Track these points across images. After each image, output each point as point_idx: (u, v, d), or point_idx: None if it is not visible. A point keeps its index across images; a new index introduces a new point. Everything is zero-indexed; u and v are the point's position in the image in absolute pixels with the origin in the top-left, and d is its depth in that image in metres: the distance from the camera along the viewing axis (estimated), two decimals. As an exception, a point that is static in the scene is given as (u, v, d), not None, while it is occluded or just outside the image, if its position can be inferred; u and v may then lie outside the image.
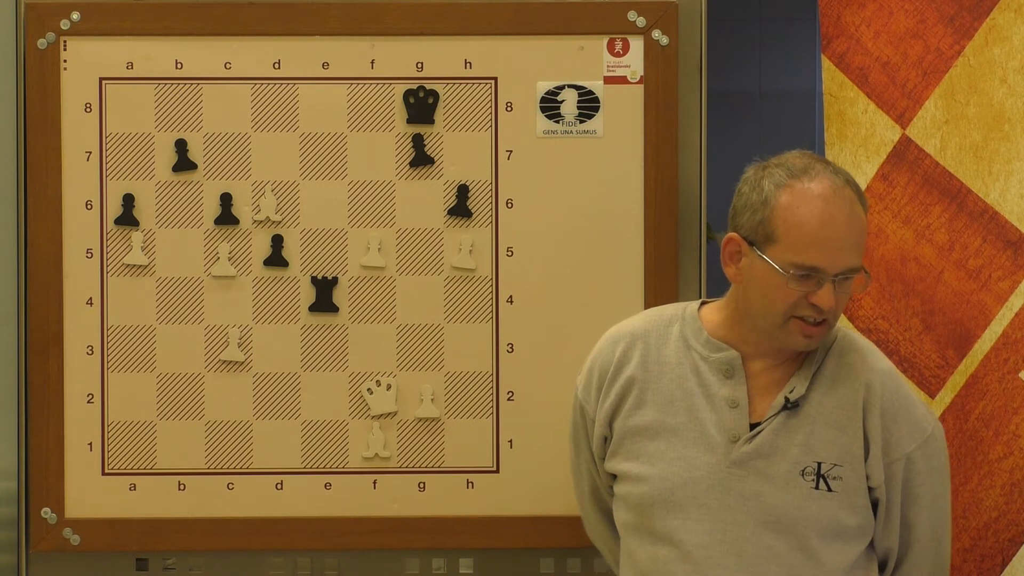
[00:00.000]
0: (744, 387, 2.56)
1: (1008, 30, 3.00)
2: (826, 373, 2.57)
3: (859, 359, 2.58)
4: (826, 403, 2.55)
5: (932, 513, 2.60)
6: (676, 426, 2.59)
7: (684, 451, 2.57)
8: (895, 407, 2.56)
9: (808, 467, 2.53)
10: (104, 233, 3.19)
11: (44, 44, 3.18)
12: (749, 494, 2.53)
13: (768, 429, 2.54)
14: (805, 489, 2.52)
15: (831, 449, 2.53)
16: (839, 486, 2.52)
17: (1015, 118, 3.01)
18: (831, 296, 2.49)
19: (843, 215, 2.51)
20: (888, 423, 2.54)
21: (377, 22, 3.19)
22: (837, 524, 2.53)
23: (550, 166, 3.21)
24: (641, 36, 3.20)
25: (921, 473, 2.56)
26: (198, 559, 3.23)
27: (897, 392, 2.58)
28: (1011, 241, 2.99)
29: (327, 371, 3.21)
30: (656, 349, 2.64)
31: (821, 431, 2.54)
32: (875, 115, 3.05)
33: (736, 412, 2.55)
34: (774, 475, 2.53)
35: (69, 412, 3.19)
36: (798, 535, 2.52)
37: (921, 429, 2.58)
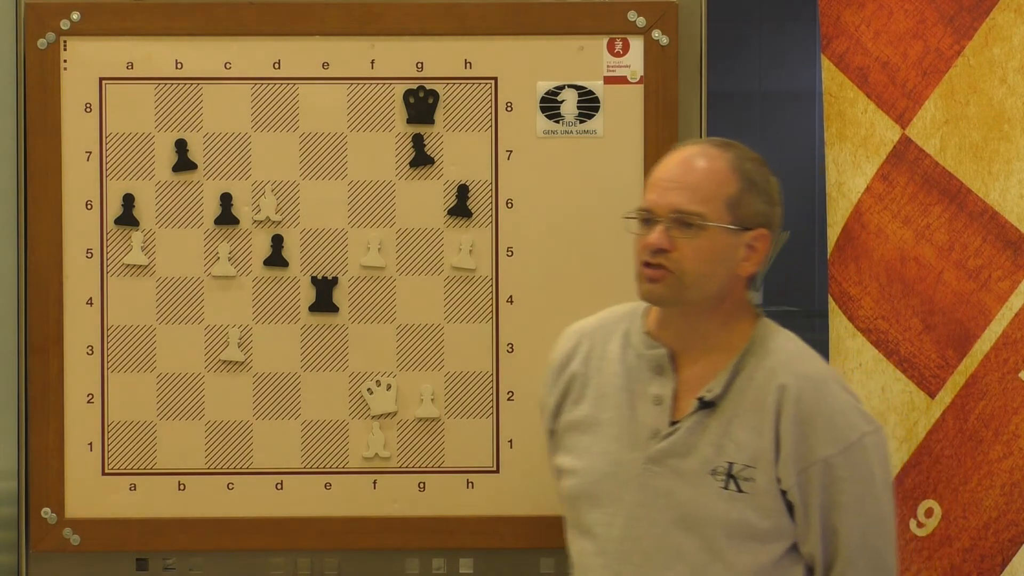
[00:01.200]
0: (671, 385, 2.57)
1: (1008, 30, 3.00)
2: (747, 374, 2.55)
3: (782, 361, 2.56)
4: (742, 404, 2.54)
5: (861, 521, 2.53)
6: (605, 421, 2.60)
7: (608, 446, 2.58)
8: (813, 412, 2.51)
9: (719, 467, 2.52)
10: (104, 233, 3.19)
11: (44, 44, 3.18)
12: (662, 491, 2.53)
13: (684, 427, 2.54)
14: (714, 489, 2.51)
15: (743, 450, 2.52)
16: (750, 487, 2.51)
17: (1015, 118, 3.01)
18: (657, 235, 2.50)
19: (680, 158, 2.55)
20: (804, 428, 2.51)
21: (377, 22, 3.20)
22: (746, 525, 2.51)
23: (550, 166, 3.21)
24: (641, 36, 3.20)
25: (844, 480, 2.51)
26: (198, 559, 3.23)
27: (819, 397, 2.53)
28: (1011, 241, 2.99)
29: (327, 371, 3.21)
30: (601, 345, 2.66)
31: (735, 431, 2.53)
32: (875, 115, 3.05)
33: (659, 409, 2.56)
34: (686, 473, 2.53)
35: (69, 412, 3.19)
36: (706, 535, 2.51)
37: (844, 435, 2.51)
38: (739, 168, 2.55)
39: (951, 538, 3.01)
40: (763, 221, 2.56)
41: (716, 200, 2.53)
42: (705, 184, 2.53)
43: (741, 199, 2.53)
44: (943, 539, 3.02)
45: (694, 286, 2.54)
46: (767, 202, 2.57)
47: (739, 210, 2.53)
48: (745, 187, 2.54)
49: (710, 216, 2.52)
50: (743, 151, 2.58)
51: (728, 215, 2.53)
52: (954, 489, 3.01)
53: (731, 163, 2.55)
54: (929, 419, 3.02)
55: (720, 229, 2.52)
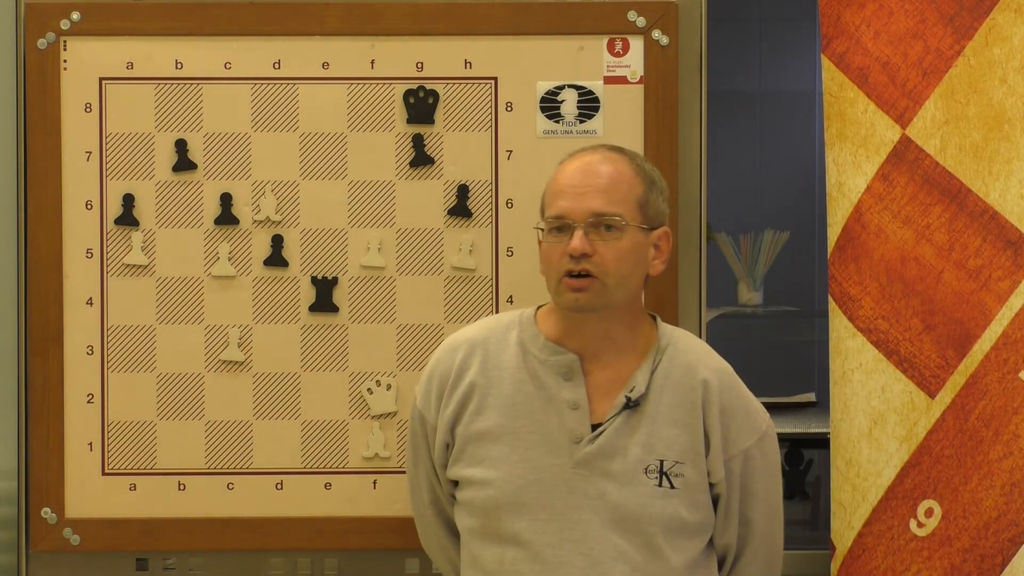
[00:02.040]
0: (583, 388, 2.59)
1: (1008, 30, 3.00)
2: (663, 372, 2.60)
3: (695, 358, 2.63)
4: (665, 401, 2.59)
5: (767, 508, 2.65)
6: (518, 429, 2.61)
7: (527, 453, 2.60)
8: (732, 405, 2.61)
9: (651, 465, 2.55)
10: (104, 233, 3.19)
11: (44, 44, 3.18)
12: (594, 494, 2.56)
13: (610, 429, 2.56)
14: (649, 487, 2.55)
15: (672, 447, 2.57)
16: (681, 483, 2.55)
17: (1015, 118, 3.01)
18: (579, 241, 2.54)
19: (583, 163, 2.61)
20: (726, 420, 2.59)
21: (377, 22, 3.20)
22: (680, 521, 2.56)
23: (550, 166, 3.20)
24: (641, 36, 3.20)
25: (758, 470, 2.61)
26: (198, 559, 3.23)
27: (734, 390, 2.63)
28: (1011, 241, 2.99)
29: (327, 371, 3.21)
30: (495, 355, 2.67)
31: (662, 429, 2.57)
32: (875, 115, 3.05)
33: (577, 414, 2.58)
34: (617, 474, 2.55)
35: (69, 412, 3.19)
36: (643, 533, 2.54)
37: (757, 426, 2.63)
38: (640, 169, 2.62)
39: (951, 538, 3.01)
40: (663, 220, 2.64)
41: (629, 201, 2.59)
42: (616, 186, 2.58)
43: (648, 199, 2.60)
44: (943, 539, 3.02)
45: (617, 288, 2.58)
46: (665, 201, 2.66)
47: (647, 210, 2.60)
48: (648, 187, 2.62)
49: (627, 217, 2.56)
50: (635, 154, 2.68)
51: (639, 215, 2.59)
52: (954, 489, 3.01)
53: (632, 165, 2.62)
54: (929, 419, 3.02)
55: (636, 229, 2.57)
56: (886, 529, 3.03)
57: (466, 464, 2.66)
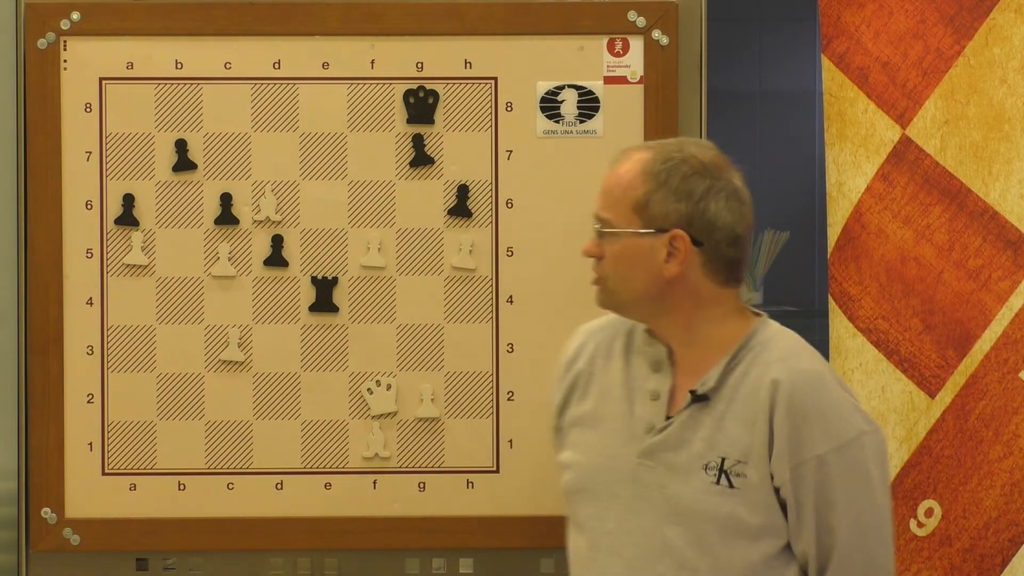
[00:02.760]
0: (669, 381, 2.57)
1: (1008, 30, 3.00)
2: (742, 369, 2.54)
3: (777, 357, 2.54)
4: (736, 399, 2.53)
5: (854, 521, 2.50)
6: (606, 416, 2.61)
7: (607, 440, 2.59)
8: (807, 408, 2.49)
9: (711, 461, 2.51)
10: (104, 233, 3.19)
11: (44, 44, 3.18)
12: (654, 485, 2.53)
13: (677, 421, 2.54)
14: (706, 483, 2.51)
15: (736, 445, 2.51)
16: (741, 483, 2.50)
17: (1015, 118, 3.01)
18: (589, 242, 2.56)
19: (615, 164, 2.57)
20: (798, 423, 2.49)
21: (377, 22, 3.20)
22: (737, 521, 2.50)
23: (550, 166, 3.21)
24: (641, 36, 3.20)
25: (838, 478, 2.48)
26: (198, 559, 3.23)
27: (814, 393, 2.51)
28: (1011, 241, 2.99)
29: (327, 371, 3.21)
30: (607, 344, 2.67)
31: (729, 426, 2.52)
32: (875, 115, 3.05)
33: (656, 404, 2.56)
34: (678, 467, 2.52)
35: (69, 412, 3.19)
36: (696, 529, 2.51)
37: (838, 433, 2.49)
38: (650, 170, 2.53)
39: (951, 538, 3.01)
40: (678, 221, 2.52)
41: (621, 205, 2.53)
42: (614, 190, 2.54)
43: (649, 201, 2.52)
44: (943, 539, 3.02)
45: (619, 291, 2.55)
46: (682, 200, 2.52)
47: (648, 212, 2.52)
48: (654, 188, 2.52)
49: (615, 221, 2.53)
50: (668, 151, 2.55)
51: (637, 219, 2.52)
52: (954, 489, 3.01)
53: (644, 165, 2.54)
54: (929, 419, 3.02)
55: (629, 234, 2.52)
56: (886, 529, 3.02)
57: (566, 448, 2.66)
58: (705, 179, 2.53)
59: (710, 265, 2.53)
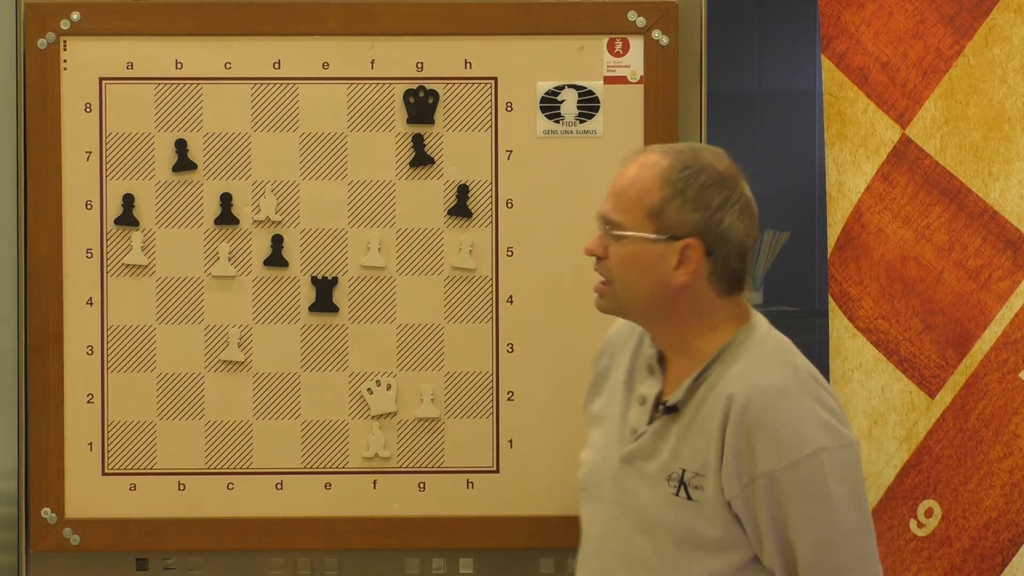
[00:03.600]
0: (659, 386, 2.56)
1: (1008, 30, 3.00)
2: (710, 381, 2.51)
3: (741, 371, 2.50)
4: (701, 411, 2.51)
5: (815, 539, 2.45)
6: (608, 416, 2.61)
7: (605, 441, 2.60)
8: (758, 424, 2.45)
9: (673, 473, 2.50)
10: (104, 233, 3.20)
11: (44, 44, 3.18)
12: (630, 492, 2.54)
13: (651, 430, 2.53)
14: (667, 495, 2.50)
15: (696, 457, 2.49)
16: (698, 495, 2.48)
17: (1015, 118, 3.01)
18: (591, 241, 2.54)
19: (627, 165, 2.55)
20: (749, 439, 2.45)
21: (377, 22, 3.20)
22: (695, 534, 2.48)
23: (550, 166, 3.21)
24: (641, 36, 3.20)
25: (792, 495, 2.44)
26: (198, 559, 3.23)
27: (767, 410, 2.46)
28: (1011, 241, 2.99)
29: (327, 371, 3.21)
30: (621, 344, 2.68)
31: (692, 438, 2.50)
32: (875, 115, 3.05)
33: (642, 409, 2.56)
34: (648, 476, 2.52)
35: (69, 412, 3.19)
36: (658, 539, 2.50)
37: (791, 450, 2.44)
38: (668, 177, 2.50)
39: (951, 538, 3.01)
40: (693, 230, 2.49)
41: (636, 209, 2.50)
42: (628, 193, 2.51)
43: (665, 208, 2.49)
44: (943, 539, 3.02)
45: (624, 296, 2.53)
46: (698, 210, 2.50)
47: (663, 219, 2.49)
48: (671, 196, 2.49)
49: (627, 225, 2.50)
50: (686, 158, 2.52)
51: (651, 224, 2.49)
52: (954, 489, 3.01)
53: (662, 171, 2.50)
54: (929, 419, 3.02)
55: (640, 239, 2.50)
56: (886, 529, 3.02)
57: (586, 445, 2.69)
58: (722, 191, 2.51)
59: (715, 275, 2.52)
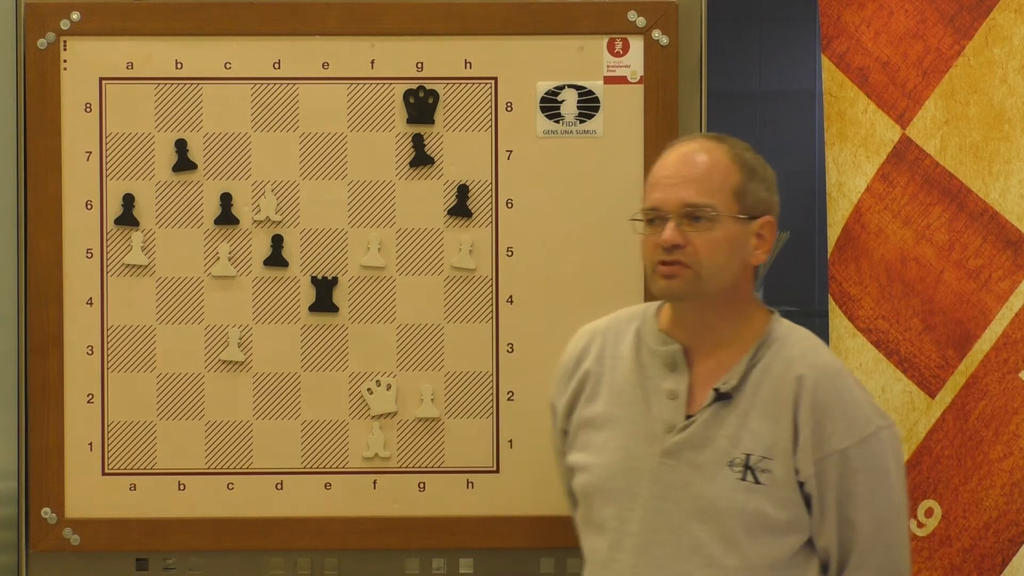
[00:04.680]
0: (686, 380, 2.58)
1: (1008, 30, 3.00)
2: (763, 366, 2.56)
3: (799, 353, 2.58)
4: (759, 395, 2.55)
5: (874, 513, 2.54)
6: (620, 417, 2.61)
7: (625, 442, 2.60)
8: (830, 403, 2.54)
9: (736, 458, 2.53)
10: (104, 233, 3.20)
11: (44, 44, 3.18)
12: (679, 484, 2.54)
13: (700, 420, 2.55)
14: (732, 480, 2.52)
15: (760, 441, 2.53)
16: (767, 479, 2.51)
17: (1015, 118, 3.01)
18: (670, 232, 2.53)
19: (679, 154, 2.58)
20: (820, 418, 2.53)
21: (377, 22, 3.20)
22: (763, 517, 2.52)
23: (550, 166, 3.21)
24: (641, 36, 3.20)
25: (859, 471, 2.53)
26: (198, 559, 3.23)
27: (835, 388, 2.56)
28: (1011, 241, 2.99)
29: (327, 371, 3.21)
30: (613, 344, 2.67)
31: (752, 423, 2.54)
32: (875, 115, 3.05)
33: (675, 404, 2.57)
34: (702, 465, 2.53)
35: (69, 412, 3.19)
36: (723, 526, 2.52)
37: (860, 427, 2.54)
38: (739, 158, 2.59)
39: (951, 538, 3.01)
40: (767, 209, 2.60)
41: (723, 191, 2.56)
42: (710, 176, 2.56)
43: (746, 188, 2.57)
44: (943, 539, 3.02)
45: (711, 278, 2.56)
46: (768, 189, 2.60)
47: (745, 199, 2.57)
48: (748, 176, 2.58)
49: (720, 207, 2.55)
50: (737, 142, 2.61)
51: (736, 204, 2.56)
52: (954, 489, 3.01)
53: (729, 154, 2.58)
54: (929, 419, 3.02)
55: (731, 219, 2.55)
56: (886, 529, 3.03)
57: (576, 450, 2.67)
58: (770, 170, 2.62)
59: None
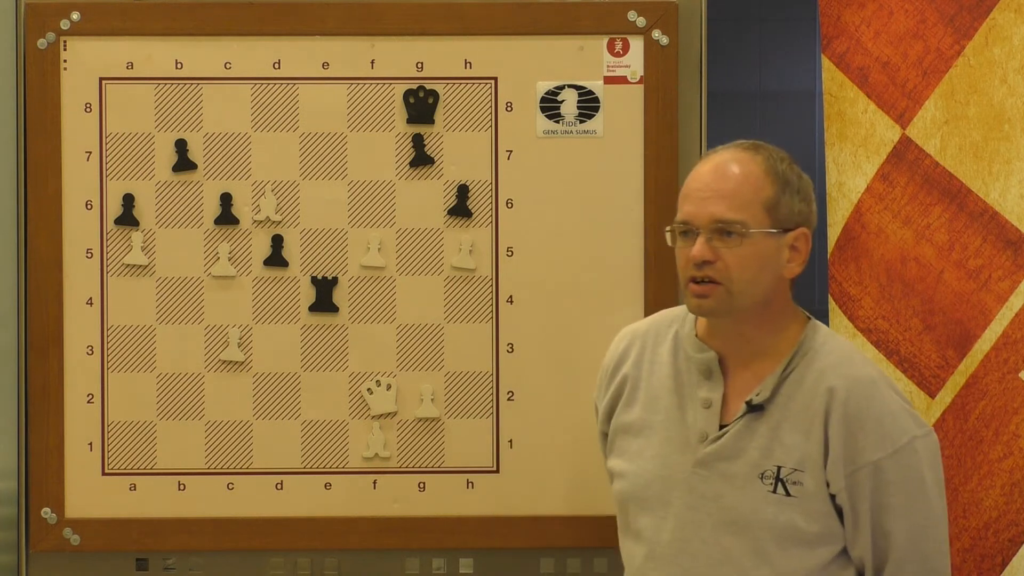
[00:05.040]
0: (721, 388, 2.55)
1: (1008, 30, 3.00)
2: (795, 377, 2.53)
3: (831, 364, 2.54)
4: (792, 407, 2.52)
5: (910, 524, 2.52)
6: (656, 424, 2.59)
7: (660, 449, 2.58)
8: (862, 415, 2.50)
9: (768, 470, 2.50)
10: (104, 233, 3.20)
11: (44, 44, 3.18)
12: (710, 495, 2.53)
13: (732, 431, 2.53)
14: (763, 492, 2.50)
15: (792, 454, 2.50)
16: (798, 491, 2.49)
17: (1015, 118, 3.01)
18: (700, 247, 2.49)
19: (712, 165, 2.53)
20: (853, 430, 2.49)
21: (377, 22, 3.20)
22: (794, 529, 2.49)
23: (550, 166, 3.21)
24: (641, 36, 3.20)
25: (893, 483, 2.50)
26: (198, 559, 3.23)
27: (869, 400, 2.51)
28: (1011, 241, 2.99)
29: (327, 371, 3.21)
30: (652, 348, 2.65)
31: (784, 435, 2.51)
32: (875, 115, 3.05)
33: (709, 413, 2.55)
34: (734, 477, 2.52)
35: (69, 412, 3.19)
36: (754, 538, 2.50)
37: (893, 438, 2.50)
38: (773, 170, 2.53)
39: (951, 538, 3.01)
40: (802, 220, 2.55)
41: (754, 205, 2.50)
42: (741, 190, 2.50)
43: (779, 201, 2.52)
44: (943, 539, 3.02)
45: (742, 294, 2.51)
46: (804, 200, 2.56)
47: (778, 212, 2.52)
48: (781, 188, 2.53)
49: (750, 222, 2.50)
50: (773, 152, 2.56)
51: (768, 219, 2.51)
52: (954, 489, 3.01)
53: (764, 166, 2.53)
54: (929, 419, 3.02)
55: (762, 234, 2.50)
56: (886, 529, 3.03)
57: (615, 455, 2.65)
58: (807, 182, 2.57)
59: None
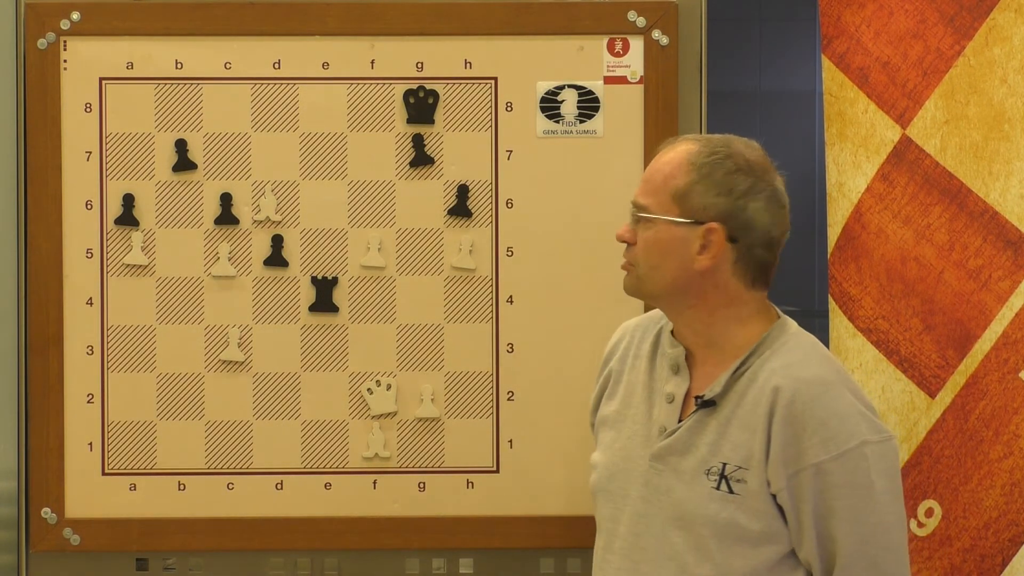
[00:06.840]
0: (686, 384, 2.56)
1: (1008, 30, 3.00)
2: (750, 375, 2.52)
3: (785, 364, 2.51)
4: (743, 405, 2.51)
5: (856, 529, 2.48)
6: (627, 417, 2.61)
7: (626, 442, 2.60)
8: (805, 416, 2.47)
9: (713, 467, 2.50)
10: (104, 233, 3.20)
11: (44, 44, 3.18)
12: (662, 489, 2.53)
13: (685, 426, 2.54)
14: (707, 489, 2.50)
15: (738, 451, 2.50)
16: (741, 489, 2.48)
17: (1015, 118, 3.01)
18: (623, 227, 2.56)
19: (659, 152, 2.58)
20: (796, 431, 2.47)
21: (377, 22, 3.20)
22: (736, 527, 2.49)
23: (550, 166, 3.21)
24: (641, 36, 3.20)
25: (837, 487, 2.46)
26: (198, 559, 3.23)
27: (814, 401, 2.48)
28: (1011, 241, 2.99)
29: (327, 371, 3.21)
30: (637, 344, 2.67)
31: (733, 432, 2.51)
32: (875, 115, 3.05)
33: (671, 407, 2.56)
34: (683, 472, 2.52)
35: (69, 412, 3.19)
36: (696, 534, 2.50)
37: (839, 441, 2.46)
38: (694, 161, 2.53)
39: (951, 538, 3.01)
40: (716, 215, 2.51)
41: (662, 193, 2.53)
42: (655, 177, 2.54)
43: (690, 191, 2.51)
44: (943, 539, 3.02)
45: (647, 279, 2.55)
46: (723, 194, 2.51)
47: (688, 202, 2.51)
48: (696, 179, 2.51)
49: (655, 208, 2.52)
50: (719, 145, 2.55)
51: (675, 207, 2.52)
52: (954, 489, 3.01)
53: (688, 156, 2.53)
54: (929, 419, 3.02)
55: (666, 222, 2.52)
56: (886, 529, 3.02)
57: (597, 448, 2.68)
58: (748, 177, 2.52)
59: (741, 264, 2.52)
